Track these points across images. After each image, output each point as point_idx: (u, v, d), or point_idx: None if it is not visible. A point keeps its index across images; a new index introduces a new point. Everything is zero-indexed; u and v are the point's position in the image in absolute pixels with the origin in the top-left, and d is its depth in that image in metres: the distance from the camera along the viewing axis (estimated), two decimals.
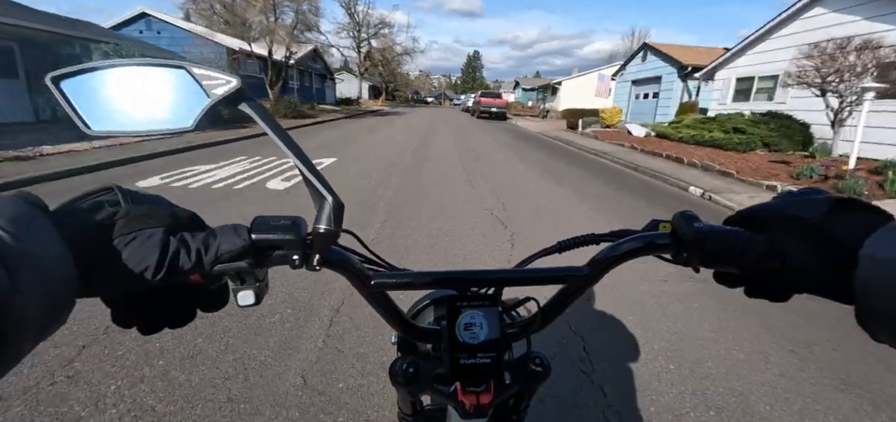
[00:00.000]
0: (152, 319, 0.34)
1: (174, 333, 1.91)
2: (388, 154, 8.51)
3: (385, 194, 4.96)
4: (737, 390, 1.77)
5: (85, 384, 1.62)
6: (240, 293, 0.35)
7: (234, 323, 2.06)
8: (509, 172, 6.98)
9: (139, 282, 0.29)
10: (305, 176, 0.34)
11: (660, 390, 1.76)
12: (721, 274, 0.39)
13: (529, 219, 4.20)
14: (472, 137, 13.15)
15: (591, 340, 2.07)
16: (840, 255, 0.29)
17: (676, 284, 2.68)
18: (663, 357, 1.98)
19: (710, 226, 0.37)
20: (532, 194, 5.33)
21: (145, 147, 7.16)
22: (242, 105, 0.33)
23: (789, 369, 1.93)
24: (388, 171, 6.53)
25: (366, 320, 2.12)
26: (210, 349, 1.86)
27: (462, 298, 0.46)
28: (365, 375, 1.77)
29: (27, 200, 0.25)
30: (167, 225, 0.31)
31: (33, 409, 1.48)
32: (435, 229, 3.73)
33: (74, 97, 0.31)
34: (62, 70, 0.30)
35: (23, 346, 0.22)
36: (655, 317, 2.33)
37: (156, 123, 0.33)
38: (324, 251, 0.36)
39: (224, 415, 1.51)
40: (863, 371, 1.92)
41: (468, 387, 0.44)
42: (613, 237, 0.44)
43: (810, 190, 0.35)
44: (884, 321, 0.26)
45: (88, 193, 0.30)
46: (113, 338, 1.90)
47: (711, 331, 2.22)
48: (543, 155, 9.54)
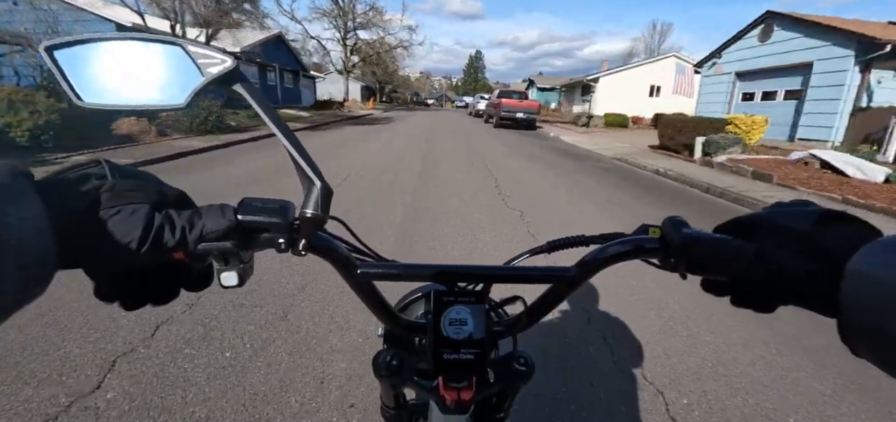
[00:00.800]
0: (135, 295, 0.33)
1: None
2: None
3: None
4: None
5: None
6: (223, 274, 0.35)
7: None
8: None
9: (122, 256, 0.29)
10: (294, 158, 0.34)
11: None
12: (708, 282, 0.39)
13: None
14: (510, 176, 6.40)
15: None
16: (827, 266, 0.29)
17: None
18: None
19: (698, 232, 0.37)
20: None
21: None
22: (236, 85, 0.33)
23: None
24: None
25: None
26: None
27: (449, 293, 0.46)
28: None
29: (13, 170, 0.25)
30: (153, 201, 0.30)
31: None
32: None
33: (67, 68, 0.31)
34: (56, 40, 0.30)
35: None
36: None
37: (148, 99, 0.33)
38: (310, 237, 0.36)
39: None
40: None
41: (450, 382, 0.45)
42: (603, 240, 0.44)
43: (800, 201, 0.35)
44: (863, 335, 0.26)
45: (77, 164, 0.29)
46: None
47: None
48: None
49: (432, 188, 5.29)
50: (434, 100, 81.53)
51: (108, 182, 0.29)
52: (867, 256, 0.27)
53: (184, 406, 1.51)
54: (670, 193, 5.88)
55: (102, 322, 1.96)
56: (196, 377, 1.66)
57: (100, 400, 1.51)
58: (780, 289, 0.33)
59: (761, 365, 1.93)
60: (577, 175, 6.81)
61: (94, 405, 1.48)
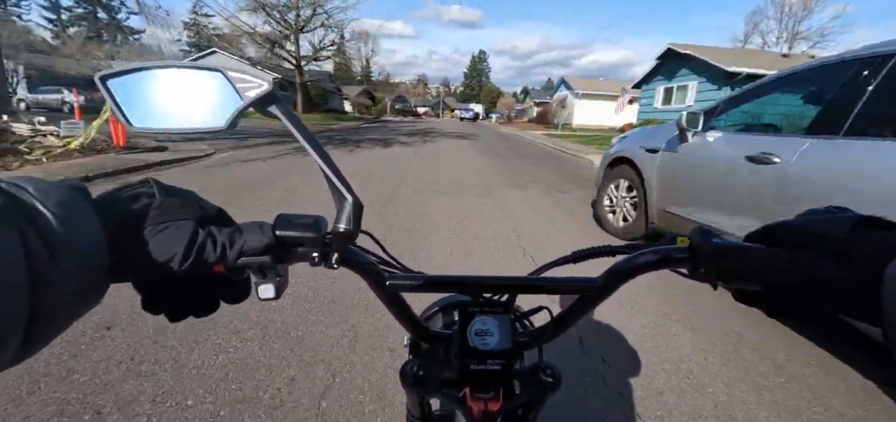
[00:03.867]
0: (179, 307, 0.35)
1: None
2: None
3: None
4: None
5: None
6: (261, 287, 0.36)
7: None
8: None
9: (167, 270, 0.30)
10: (328, 176, 0.35)
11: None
12: (741, 292, 0.38)
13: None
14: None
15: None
16: (865, 274, 0.28)
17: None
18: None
19: (728, 241, 0.36)
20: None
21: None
22: (272, 107, 0.34)
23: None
24: None
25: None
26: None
27: (475, 304, 0.46)
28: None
29: (74, 187, 0.26)
30: (196, 218, 0.32)
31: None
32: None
33: (119, 95, 0.33)
34: (109, 70, 0.32)
35: (58, 321, 0.24)
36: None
37: (192, 123, 0.34)
38: (342, 250, 0.37)
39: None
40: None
41: (477, 393, 0.44)
42: (629, 250, 0.44)
43: (835, 207, 0.34)
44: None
45: (128, 185, 0.31)
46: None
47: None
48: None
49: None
50: (428, 108, 66.46)
51: (157, 200, 0.31)
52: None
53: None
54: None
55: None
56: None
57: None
58: (818, 298, 0.32)
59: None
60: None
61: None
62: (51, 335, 0.24)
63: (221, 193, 4.93)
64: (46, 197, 0.24)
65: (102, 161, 6.58)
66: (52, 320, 0.23)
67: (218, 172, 6.46)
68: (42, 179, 0.25)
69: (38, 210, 0.23)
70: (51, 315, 0.23)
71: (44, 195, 0.24)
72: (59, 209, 0.24)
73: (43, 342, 0.23)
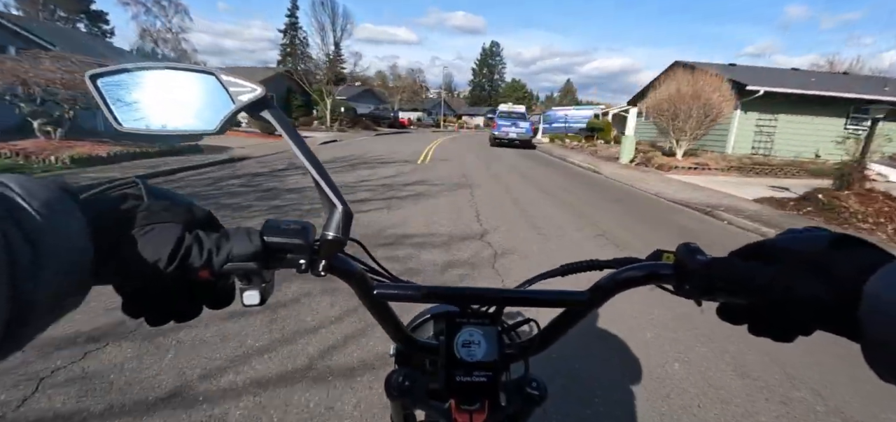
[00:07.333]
0: (160, 311, 0.34)
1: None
2: None
3: None
4: None
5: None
6: (246, 293, 0.36)
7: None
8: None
9: (151, 273, 0.29)
10: (318, 183, 0.35)
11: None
12: (725, 309, 0.38)
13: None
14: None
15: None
16: (844, 290, 0.29)
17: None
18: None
19: (714, 257, 0.37)
20: None
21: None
22: (264, 112, 0.34)
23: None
24: None
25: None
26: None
27: (462, 315, 0.46)
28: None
29: (60, 186, 0.26)
30: (184, 221, 0.31)
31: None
32: None
33: (109, 95, 0.32)
34: (99, 69, 0.32)
35: (39, 321, 0.23)
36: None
37: (182, 125, 0.34)
38: (330, 258, 0.37)
39: None
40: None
41: (463, 405, 0.44)
42: (616, 264, 0.44)
43: (813, 227, 0.35)
44: (885, 357, 0.26)
45: (115, 183, 0.31)
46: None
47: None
48: None
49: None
50: (424, 114, 49.69)
51: (144, 202, 0.30)
52: (884, 279, 0.27)
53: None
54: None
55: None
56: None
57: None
58: (800, 314, 0.32)
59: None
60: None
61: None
62: (29, 336, 0.23)
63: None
64: (31, 195, 0.23)
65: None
66: (32, 322, 0.23)
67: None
68: (28, 177, 0.24)
69: (22, 208, 0.22)
70: (31, 316, 0.22)
71: (28, 193, 0.23)
72: (44, 208, 0.23)
73: (21, 343, 0.23)
